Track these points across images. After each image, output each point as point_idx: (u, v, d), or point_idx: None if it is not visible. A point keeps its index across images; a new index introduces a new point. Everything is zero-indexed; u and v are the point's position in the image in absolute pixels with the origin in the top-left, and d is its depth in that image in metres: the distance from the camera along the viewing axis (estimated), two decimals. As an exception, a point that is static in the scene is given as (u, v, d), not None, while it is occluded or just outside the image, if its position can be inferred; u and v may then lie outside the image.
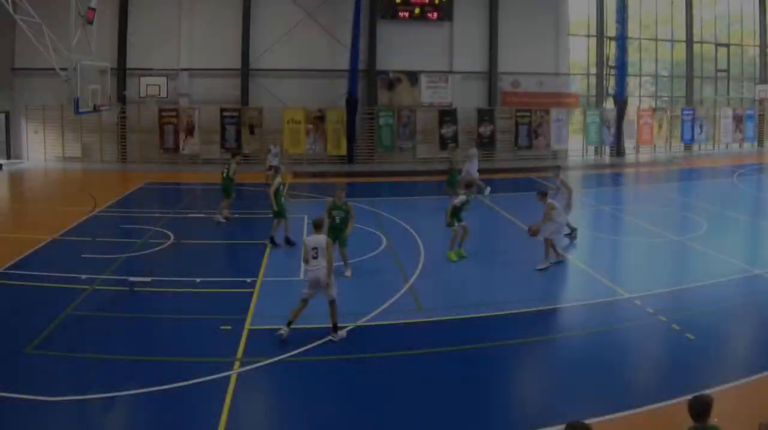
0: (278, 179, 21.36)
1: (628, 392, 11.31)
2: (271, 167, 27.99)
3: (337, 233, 17.07)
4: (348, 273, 17.49)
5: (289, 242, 20.87)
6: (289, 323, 13.37)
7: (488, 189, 30.07)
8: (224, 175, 24.71)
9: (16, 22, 25.26)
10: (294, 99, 39.81)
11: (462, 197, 19.73)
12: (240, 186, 26.82)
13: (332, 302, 13.50)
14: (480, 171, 37.16)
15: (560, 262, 19.07)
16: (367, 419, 10.65)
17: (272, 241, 20.93)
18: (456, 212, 19.48)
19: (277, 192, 20.84)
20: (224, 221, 24.29)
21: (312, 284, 13.52)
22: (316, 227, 13.97)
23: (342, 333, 13.54)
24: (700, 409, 7.36)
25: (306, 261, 13.74)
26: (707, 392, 8.48)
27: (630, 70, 44.43)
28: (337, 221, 17.19)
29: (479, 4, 42.04)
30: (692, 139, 46.46)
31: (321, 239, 13.69)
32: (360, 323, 14.44)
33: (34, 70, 36.99)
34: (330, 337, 13.37)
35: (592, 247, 22.39)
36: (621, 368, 12.36)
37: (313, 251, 13.46)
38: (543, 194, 19.48)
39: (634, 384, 11.74)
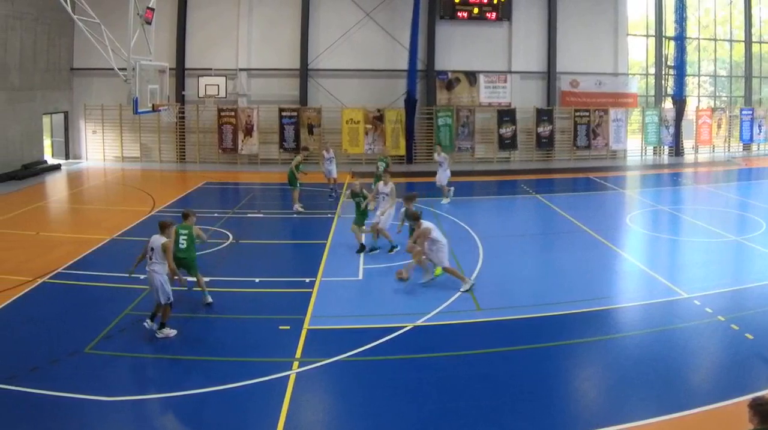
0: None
1: (687, 392, 10.70)
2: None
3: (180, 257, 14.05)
4: (208, 299, 14.54)
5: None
6: (152, 317, 12.81)
7: (451, 190, 26.53)
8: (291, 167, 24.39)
9: (74, 22, 22.78)
10: (353, 99, 36.53)
11: (402, 210, 17.85)
12: (312, 186, 25.20)
13: (165, 305, 12.62)
14: (539, 171, 35.34)
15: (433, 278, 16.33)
16: (426, 419, 9.97)
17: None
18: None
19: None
20: (302, 210, 23.93)
21: (150, 284, 12.81)
22: (161, 227, 12.90)
23: (166, 331, 12.71)
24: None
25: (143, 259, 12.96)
26: (764, 393, 8.31)
27: (688, 70, 40.27)
28: (180, 244, 14.06)
29: (538, 4, 38.23)
30: (751, 139, 42.01)
31: (158, 240, 12.63)
32: (419, 323, 13.57)
33: (93, 71, 34.79)
34: (145, 322, 12.72)
35: (651, 247, 20.74)
36: (680, 368, 11.60)
37: (150, 252, 12.60)
38: (416, 217, 16.40)
39: (694, 384, 11.14)
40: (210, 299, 14.47)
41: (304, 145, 32.53)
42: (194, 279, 14.46)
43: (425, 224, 15.86)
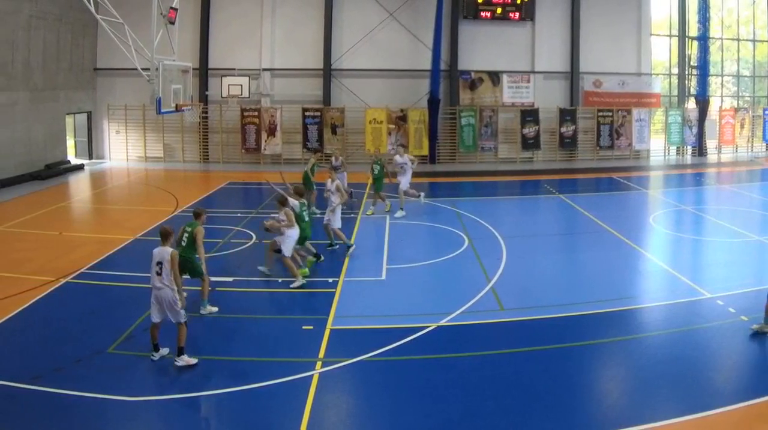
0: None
1: (710, 392, 10.32)
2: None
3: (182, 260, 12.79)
4: (207, 310, 13.43)
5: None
6: (155, 348, 11.26)
7: (421, 196, 24.13)
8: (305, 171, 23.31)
9: (98, 22, 21.83)
10: (376, 99, 35.13)
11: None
12: (321, 186, 23.22)
13: (180, 325, 11.01)
14: (562, 171, 34.02)
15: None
16: (449, 419, 9.56)
17: None
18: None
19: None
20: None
21: (155, 302, 11.03)
22: (162, 236, 11.23)
23: (186, 359, 10.98)
24: None
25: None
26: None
27: (712, 70, 38.73)
28: (183, 242, 13.11)
29: (561, 4, 36.68)
30: (774, 140, 40.39)
31: (165, 252, 11.02)
32: (442, 323, 13.06)
33: (116, 71, 33.56)
34: (175, 361, 11.04)
35: (674, 247, 19.95)
36: (703, 368, 11.20)
37: (157, 267, 10.98)
38: (283, 201, 15.64)
39: (717, 384, 10.69)
40: (211, 310, 13.41)
41: (315, 148, 31.23)
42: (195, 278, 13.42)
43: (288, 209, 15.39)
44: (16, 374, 10.53)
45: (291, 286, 14.96)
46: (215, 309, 13.39)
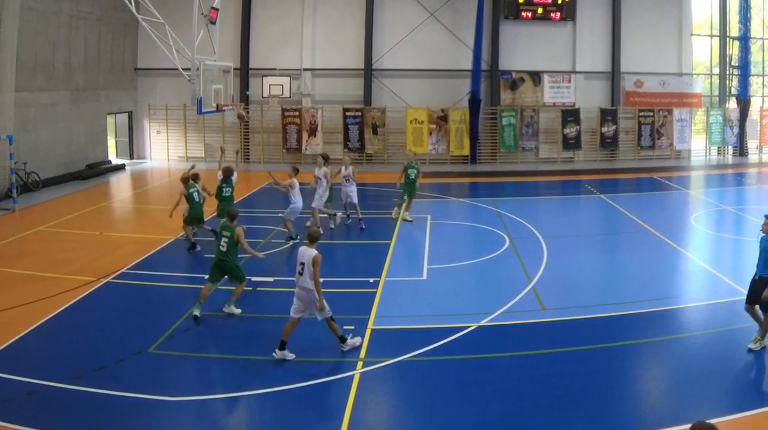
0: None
1: (751, 392, 9.79)
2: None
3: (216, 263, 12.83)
4: (232, 310, 12.83)
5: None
6: (282, 345, 10.66)
7: (338, 216, 20.54)
8: None
9: (139, 22, 20.68)
10: (417, 99, 33.02)
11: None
12: (362, 186, 23.41)
13: (328, 319, 10.78)
14: (603, 171, 32.00)
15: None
16: (490, 419, 9.05)
17: None
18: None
19: None
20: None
21: (297, 300, 10.75)
22: (310, 239, 10.78)
23: (354, 341, 11.11)
24: None
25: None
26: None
27: (753, 69, 36.20)
28: (221, 247, 12.67)
29: (602, 4, 34.32)
30: (815, 140, 37.58)
31: (308, 253, 10.57)
32: (483, 323, 12.43)
33: (157, 71, 31.81)
34: (341, 347, 10.97)
35: (715, 247, 18.99)
36: (744, 368, 10.57)
37: (300, 267, 10.60)
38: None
39: (758, 384, 10.20)
40: (234, 310, 12.75)
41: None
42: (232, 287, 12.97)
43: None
44: (57, 373, 10.06)
45: None
46: (238, 311, 12.70)
